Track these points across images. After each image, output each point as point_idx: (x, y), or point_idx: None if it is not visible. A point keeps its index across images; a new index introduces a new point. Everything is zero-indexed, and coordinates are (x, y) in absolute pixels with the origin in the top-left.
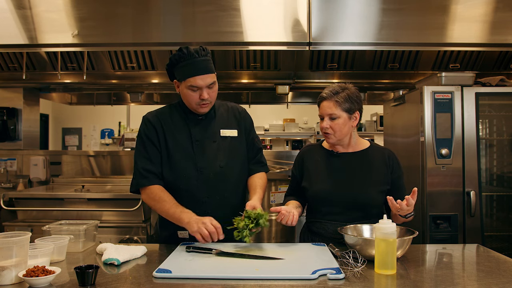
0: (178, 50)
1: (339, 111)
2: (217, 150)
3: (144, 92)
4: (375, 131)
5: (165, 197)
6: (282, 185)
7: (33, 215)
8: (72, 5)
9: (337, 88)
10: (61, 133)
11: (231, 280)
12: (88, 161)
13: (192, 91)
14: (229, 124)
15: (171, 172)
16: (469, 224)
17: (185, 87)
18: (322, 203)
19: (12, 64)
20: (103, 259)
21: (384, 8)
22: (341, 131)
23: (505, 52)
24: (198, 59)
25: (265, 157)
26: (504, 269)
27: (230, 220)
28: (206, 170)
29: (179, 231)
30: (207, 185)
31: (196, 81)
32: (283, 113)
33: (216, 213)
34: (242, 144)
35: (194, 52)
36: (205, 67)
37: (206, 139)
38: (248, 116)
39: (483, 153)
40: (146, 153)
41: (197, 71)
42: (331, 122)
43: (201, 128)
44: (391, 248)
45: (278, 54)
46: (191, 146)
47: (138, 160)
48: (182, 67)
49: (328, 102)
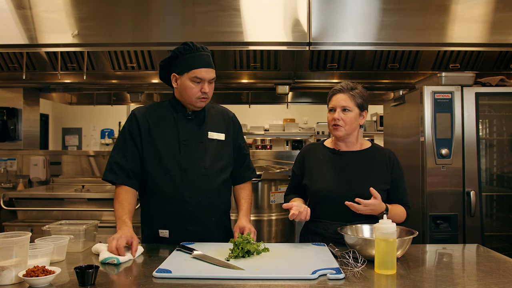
0: (182, 44)
1: (353, 105)
2: (202, 151)
3: (144, 92)
4: (375, 131)
5: (125, 202)
6: (282, 185)
7: (33, 215)
8: (72, 5)
9: (352, 84)
10: (61, 133)
11: (231, 280)
12: (88, 161)
13: (195, 83)
14: (217, 127)
15: (155, 168)
16: (469, 224)
17: (188, 78)
18: (323, 201)
19: (12, 64)
20: (101, 258)
21: (384, 8)
22: (351, 125)
23: (505, 52)
24: (203, 53)
25: (265, 157)
26: (504, 269)
27: (211, 221)
28: (190, 170)
29: (160, 229)
30: (191, 185)
31: (201, 73)
32: (283, 113)
33: (198, 213)
34: (229, 148)
35: (199, 47)
36: (209, 61)
37: (193, 139)
38: (237, 122)
39: (483, 153)
40: (123, 148)
41: (202, 63)
42: (343, 115)
43: (189, 128)
44: (391, 248)
45: (278, 54)
46: (178, 145)
47: (113, 152)
48: (187, 59)
49: (343, 95)
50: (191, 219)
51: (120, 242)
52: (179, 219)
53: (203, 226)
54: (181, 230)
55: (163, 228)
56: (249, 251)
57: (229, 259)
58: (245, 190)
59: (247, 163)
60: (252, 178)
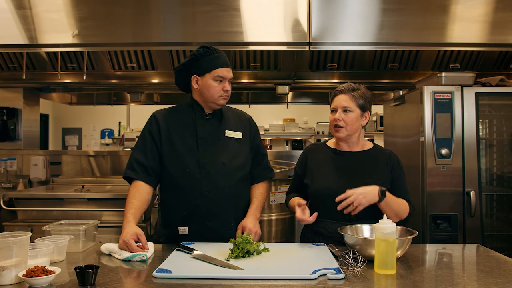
0: (200, 47)
1: (354, 106)
2: (221, 148)
3: (144, 92)
4: (375, 131)
5: (133, 199)
6: (282, 185)
7: (33, 215)
8: (72, 5)
9: (354, 85)
10: (61, 133)
11: (231, 280)
12: (88, 161)
13: (217, 82)
14: (234, 127)
15: (174, 166)
16: (469, 224)
17: (211, 78)
18: (323, 200)
19: (12, 64)
20: (126, 256)
21: (384, 8)
22: (352, 125)
23: (505, 52)
24: (221, 55)
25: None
26: (504, 269)
27: (229, 217)
28: (208, 166)
29: (180, 226)
30: (209, 180)
31: (223, 72)
32: (283, 113)
33: (217, 208)
34: (246, 147)
35: (216, 49)
36: (228, 62)
37: (211, 137)
38: (253, 123)
39: (483, 153)
40: (143, 146)
41: (223, 64)
42: (344, 115)
43: (207, 126)
44: (391, 248)
45: (278, 54)
46: (196, 143)
47: (133, 152)
48: (208, 60)
49: (344, 96)
50: (209, 214)
51: (128, 241)
52: (198, 215)
53: (221, 221)
54: (199, 227)
55: (182, 225)
56: (249, 251)
57: (229, 259)
58: (259, 188)
59: (265, 163)
60: (269, 178)
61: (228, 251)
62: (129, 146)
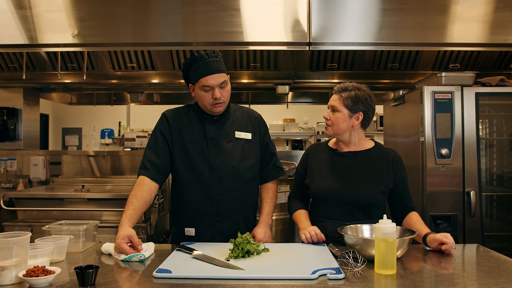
0: (190, 55)
1: (341, 106)
2: (231, 150)
3: (144, 92)
4: (375, 131)
5: (133, 199)
6: (282, 185)
7: (33, 215)
8: (72, 5)
9: (349, 86)
10: (61, 133)
11: (231, 280)
12: (88, 161)
13: (205, 91)
14: (244, 127)
15: (184, 168)
16: (469, 224)
17: (198, 88)
18: (323, 200)
19: (12, 64)
20: (123, 257)
21: (384, 8)
22: (338, 125)
23: (505, 52)
24: (208, 60)
25: None
26: (504, 269)
27: (238, 218)
28: (218, 168)
29: (186, 228)
30: (219, 183)
31: (208, 81)
32: (283, 113)
33: (226, 210)
34: (256, 148)
35: (205, 54)
36: (216, 67)
37: (220, 138)
38: (262, 121)
39: (483, 153)
40: (155, 146)
41: (208, 71)
42: (331, 114)
43: (216, 127)
44: (391, 248)
45: (278, 54)
46: (206, 144)
47: (146, 152)
48: (194, 69)
49: (335, 95)
50: (218, 215)
51: (120, 245)
52: (207, 216)
53: (230, 222)
54: (207, 228)
55: (188, 226)
56: (249, 251)
57: (229, 259)
58: (268, 192)
59: (274, 162)
60: (279, 177)
61: (228, 251)
62: (129, 146)
